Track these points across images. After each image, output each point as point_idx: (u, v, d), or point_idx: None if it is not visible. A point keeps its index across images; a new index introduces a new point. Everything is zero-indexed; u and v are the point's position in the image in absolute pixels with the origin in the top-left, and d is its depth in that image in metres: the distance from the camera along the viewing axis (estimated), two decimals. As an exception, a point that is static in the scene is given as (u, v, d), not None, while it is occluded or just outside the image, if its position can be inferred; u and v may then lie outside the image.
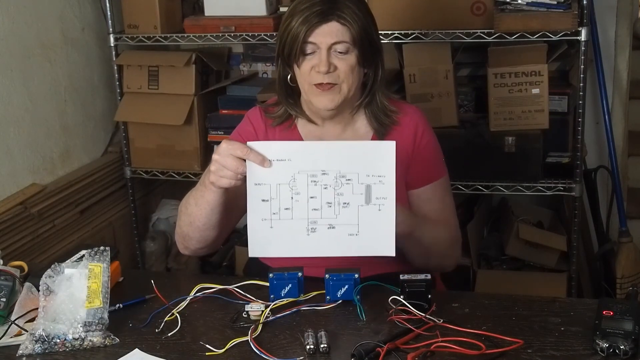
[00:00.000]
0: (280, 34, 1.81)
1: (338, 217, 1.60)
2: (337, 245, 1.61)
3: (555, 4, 2.54)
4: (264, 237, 1.62)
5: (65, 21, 2.96)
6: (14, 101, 2.69)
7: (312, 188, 1.59)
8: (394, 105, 1.89)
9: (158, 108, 3.04)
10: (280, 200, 1.59)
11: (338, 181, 1.59)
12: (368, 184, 1.58)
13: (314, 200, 1.59)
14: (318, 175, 1.59)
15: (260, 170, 1.58)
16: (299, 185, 1.59)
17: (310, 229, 1.61)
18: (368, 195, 1.59)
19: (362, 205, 1.59)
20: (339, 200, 1.59)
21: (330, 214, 1.60)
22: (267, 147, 1.59)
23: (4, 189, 2.66)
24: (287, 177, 1.59)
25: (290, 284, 1.63)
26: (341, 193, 1.59)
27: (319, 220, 1.60)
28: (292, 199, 1.59)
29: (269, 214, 1.60)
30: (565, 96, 2.80)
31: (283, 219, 1.60)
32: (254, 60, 3.32)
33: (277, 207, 1.60)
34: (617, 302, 1.53)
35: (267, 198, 1.59)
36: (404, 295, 1.58)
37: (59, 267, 1.56)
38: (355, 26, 1.74)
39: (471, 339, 1.45)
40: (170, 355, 1.47)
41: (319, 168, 1.58)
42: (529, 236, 2.89)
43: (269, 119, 1.91)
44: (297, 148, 1.62)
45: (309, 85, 1.79)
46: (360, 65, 1.78)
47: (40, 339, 1.50)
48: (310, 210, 1.60)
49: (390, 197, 1.59)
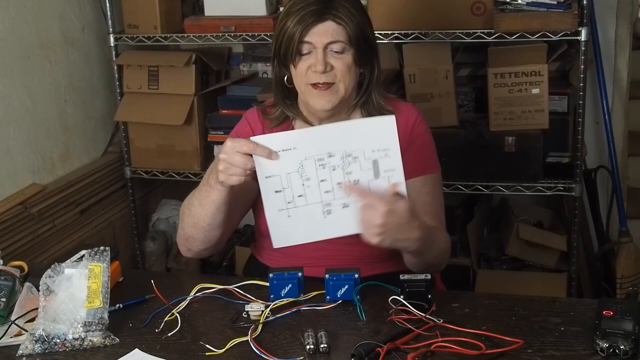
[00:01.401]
0: (276, 35, 1.80)
1: (351, 195, 1.61)
2: (354, 222, 1.60)
3: (555, 4, 2.54)
4: (284, 226, 1.64)
5: (65, 21, 2.96)
6: (14, 101, 2.69)
7: (320, 172, 1.60)
8: (390, 104, 1.88)
9: (158, 108, 3.04)
10: (292, 188, 1.61)
11: (345, 161, 1.59)
12: (375, 159, 1.59)
13: (324, 183, 1.60)
14: (325, 158, 1.59)
15: (269, 163, 1.59)
16: (308, 171, 1.60)
17: (326, 211, 1.62)
18: (376, 169, 1.59)
19: (372, 180, 1.60)
20: (349, 179, 1.60)
21: (343, 193, 1.61)
22: (271, 140, 1.60)
23: (4, 189, 2.66)
24: (295, 165, 1.60)
25: (290, 284, 1.63)
26: (350, 172, 1.60)
27: (333, 202, 1.61)
28: (303, 185, 1.60)
29: (284, 204, 1.62)
30: (565, 96, 2.80)
31: (298, 206, 1.62)
32: (254, 60, 3.32)
33: (291, 196, 1.61)
34: (617, 302, 1.53)
35: (279, 189, 1.61)
36: (404, 295, 1.58)
37: (59, 267, 1.56)
38: (351, 25, 1.74)
39: (471, 339, 1.45)
40: (170, 355, 1.47)
41: (325, 151, 1.59)
42: (529, 236, 2.89)
43: (267, 120, 1.90)
44: (300, 135, 1.64)
45: (305, 86, 1.78)
46: (356, 64, 1.78)
47: (40, 339, 1.50)
48: (323, 193, 1.61)
49: (398, 168, 1.59)
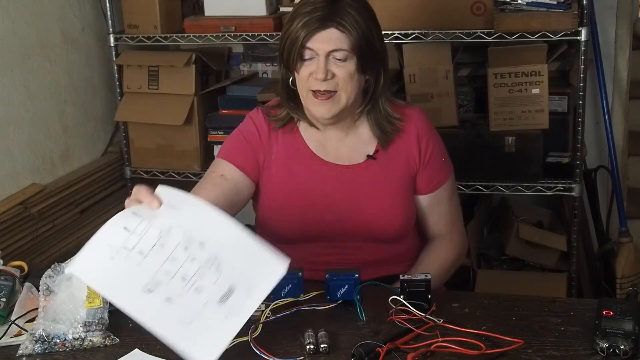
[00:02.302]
0: (282, 37, 1.79)
1: (182, 297, 1.37)
2: (161, 321, 1.36)
3: (555, 4, 2.54)
4: (97, 263, 1.39)
5: (65, 21, 2.96)
6: (14, 101, 2.69)
7: (179, 251, 1.38)
8: (397, 111, 1.86)
9: (158, 108, 3.04)
10: (140, 241, 1.39)
11: (209, 263, 1.38)
12: (233, 286, 1.37)
13: (172, 263, 1.38)
14: (195, 244, 1.39)
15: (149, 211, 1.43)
16: (169, 240, 1.39)
17: (147, 288, 1.37)
18: (226, 296, 1.37)
19: (212, 301, 1.37)
20: (194, 281, 1.37)
21: (178, 288, 1.37)
22: (171, 194, 1.45)
23: (4, 189, 2.66)
24: (164, 225, 1.40)
25: (290, 284, 1.62)
26: (203, 275, 1.37)
27: (161, 288, 1.37)
28: (152, 247, 1.38)
29: (119, 245, 1.39)
30: (565, 96, 2.80)
31: (129, 259, 1.38)
32: (254, 60, 3.31)
33: (132, 245, 1.39)
34: (617, 302, 1.53)
35: (131, 229, 1.40)
36: (404, 295, 1.58)
37: (59, 267, 1.56)
38: (354, 33, 1.71)
39: (471, 339, 1.45)
40: (170, 355, 1.46)
41: (201, 239, 1.39)
42: (529, 236, 2.89)
43: (272, 121, 1.89)
44: (194, 209, 1.44)
45: (307, 92, 1.77)
46: (359, 73, 1.76)
47: (40, 339, 1.50)
48: (161, 271, 1.37)
49: (245, 315, 1.37)
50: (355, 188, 1.84)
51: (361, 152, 1.86)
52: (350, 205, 1.83)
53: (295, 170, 1.86)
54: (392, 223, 1.84)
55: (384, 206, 1.84)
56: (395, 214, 1.84)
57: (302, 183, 1.85)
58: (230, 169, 1.85)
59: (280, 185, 1.86)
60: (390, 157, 1.86)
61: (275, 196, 1.86)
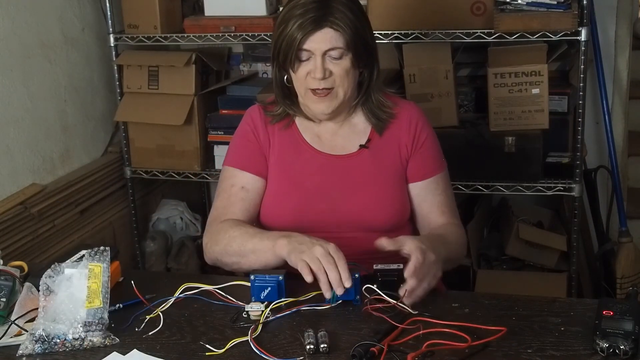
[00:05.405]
0: (275, 39, 1.84)
1: None
2: None
3: (555, 4, 2.54)
4: None
5: (65, 21, 2.96)
6: (14, 101, 2.69)
7: None
8: (390, 99, 1.93)
9: (158, 108, 3.04)
10: None
11: None
12: None
13: None
14: None
15: None
16: None
17: None
18: None
19: None
20: None
21: None
22: None
23: (4, 189, 2.66)
24: None
25: (270, 287, 1.60)
26: None
27: None
28: None
29: None
30: (565, 96, 2.80)
31: None
32: (254, 60, 3.32)
33: None
34: (617, 302, 1.53)
35: None
36: (377, 284, 1.59)
37: (59, 267, 1.56)
38: (348, 31, 1.77)
39: (457, 331, 1.46)
40: (170, 355, 1.47)
41: None
42: (529, 236, 2.89)
43: (268, 116, 1.94)
44: None
45: (305, 90, 1.83)
46: (355, 68, 1.82)
47: (40, 339, 1.50)
48: None
49: None
50: (349, 177, 1.89)
51: (355, 142, 1.92)
52: (342, 194, 1.87)
53: (291, 161, 1.91)
54: (384, 211, 1.87)
55: (376, 194, 1.88)
56: (386, 202, 1.88)
57: (297, 173, 1.90)
58: (248, 178, 1.90)
59: (276, 176, 1.91)
60: (383, 146, 1.91)
61: (271, 186, 1.91)
